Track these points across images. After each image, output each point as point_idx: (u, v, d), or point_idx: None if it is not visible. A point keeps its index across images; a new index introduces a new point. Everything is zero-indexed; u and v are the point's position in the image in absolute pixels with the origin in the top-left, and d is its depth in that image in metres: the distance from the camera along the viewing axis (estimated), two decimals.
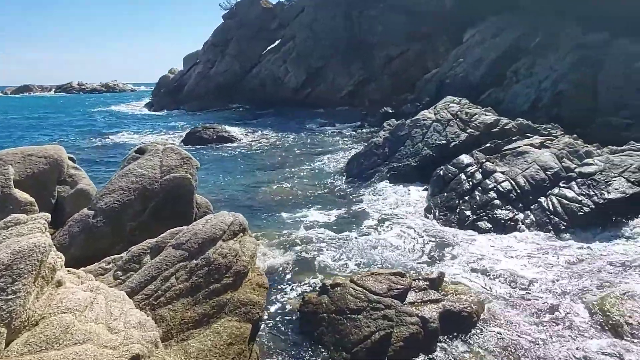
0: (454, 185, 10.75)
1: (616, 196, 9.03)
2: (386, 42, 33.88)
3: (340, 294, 6.19)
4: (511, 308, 6.63)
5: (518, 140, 11.62)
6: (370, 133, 22.08)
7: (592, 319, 6.33)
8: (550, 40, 22.69)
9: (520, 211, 9.72)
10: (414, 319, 5.90)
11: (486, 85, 22.59)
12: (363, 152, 13.88)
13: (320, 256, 8.34)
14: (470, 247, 8.81)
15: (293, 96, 36.67)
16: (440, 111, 13.16)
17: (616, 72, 19.19)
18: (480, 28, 26.63)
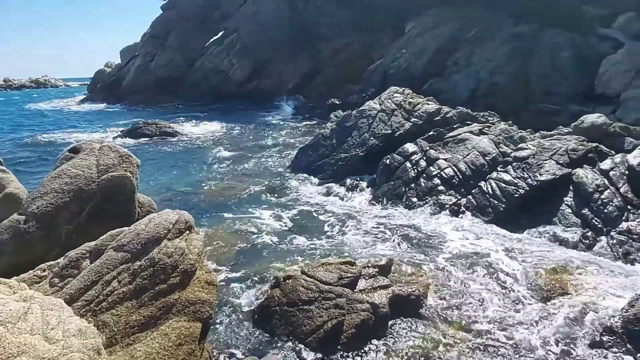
0: (400, 173, 11.05)
1: (547, 178, 9.64)
2: (332, 34, 34.03)
3: (292, 286, 6.20)
4: (455, 286, 6.94)
5: (459, 127, 12.09)
6: (318, 125, 22.17)
7: (527, 290, 6.76)
8: (485, 32, 23.76)
9: (462, 196, 10.16)
10: (365, 305, 6.04)
11: (428, 75, 23.31)
12: (311, 144, 13.91)
13: (270, 251, 8.32)
14: (417, 232, 9.11)
15: (239, 89, 36.03)
16: (385, 101, 13.42)
17: (545, 62, 20.45)
18: (420, 20, 27.38)
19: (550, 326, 6.01)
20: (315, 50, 34.79)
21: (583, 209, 9.01)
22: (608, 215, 8.65)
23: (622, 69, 18.10)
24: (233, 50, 37.45)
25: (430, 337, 5.82)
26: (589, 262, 7.71)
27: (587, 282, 7.05)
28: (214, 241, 8.68)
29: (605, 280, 7.15)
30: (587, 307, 6.43)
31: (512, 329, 5.96)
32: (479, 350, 5.57)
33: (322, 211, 10.47)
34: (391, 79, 23.06)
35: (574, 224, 8.97)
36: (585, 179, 9.27)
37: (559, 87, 19.35)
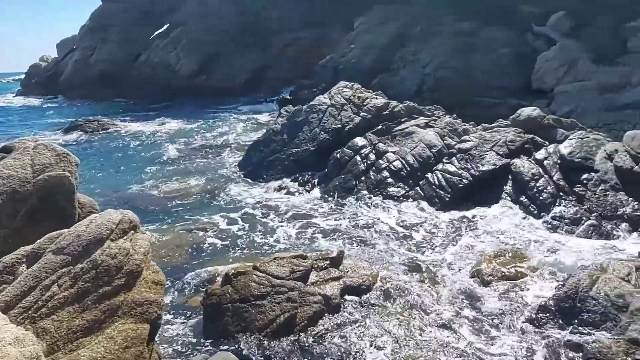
0: (351, 167, 11.23)
1: (489, 168, 10.16)
2: (282, 29, 33.83)
3: (244, 282, 6.17)
4: (402, 274, 7.19)
5: (406, 121, 12.43)
6: (268, 120, 22.02)
7: (470, 274, 7.12)
8: (430, 28, 24.51)
9: (411, 187, 10.49)
10: (317, 297, 6.13)
11: (377, 70, 23.76)
12: (262, 139, 13.82)
13: (220, 249, 8.23)
14: (367, 222, 9.32)
15: (188, 84, 35.04)
16: (334, 96, 13.56)
17: (486, 58, 21.41)
18: (369, 16, 27.80)
19: (490, 306, 6.36)
20: (265, 45, 34.45)
21: (521, 196, 9.57)
22: (543, 202, 9.25)
23: (554, 65, 19.27)
24: (180, 44, 36.36)
25: (376, 323, 6.00)
26: (525, 245, 8.21)
27: (525, 264, 7.51)
28: (161, 241, 8.47)
29: (542, 261, 7.65)
30: (524, 287, 6.87)
31: (458, 311, 6.26)
32: (423, 338, 5.81)
33: (273, 207, 10.46)
34: (341, 73, 23.28)
35: (513, 210, 9.50)
36: (522, 169, 9.84)
37: (499, 81, 20.33)
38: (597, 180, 9.25)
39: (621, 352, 5.13)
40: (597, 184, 9.21)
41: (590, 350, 5.30)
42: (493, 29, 22.56)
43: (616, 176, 9.14)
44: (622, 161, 9.15)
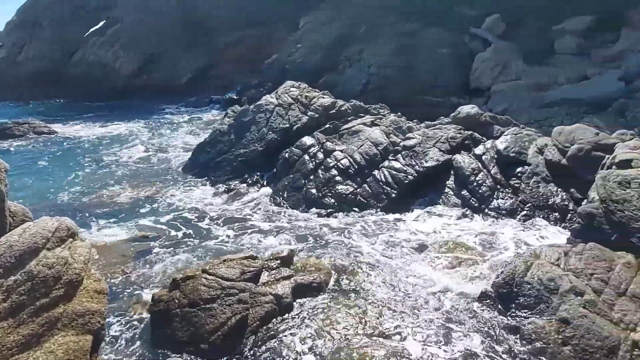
0: (299, 166, 11.27)
1: (432, 164, 10.55)
2: (226, 27, 33.18)
3: (193, 286, 6.05)
4: (353, 269, 7.32)
5: (353, 120, 12.64)
6: (215, 120, 21.57)
7: (414, 266, 7.38)
8: (374, 28, 25.02)
9: (359, 185, 10.68)
10: (269, 297, 6.12)
11: (323, 69, 23.92)
12: (208, 140, 13.54)
13: (165, 254, 7.99)
14: (317, 222, 9.41)
15: (128, 84, 33.51)
16: (281, 96, 13.54)
17: (427, 58, 22.18)
18: (314, 15, 27.95)
19: (435, 296, 6.64)
20: (209, 44, 33.67)
21: (462, 190, 10.04)
22: (482, 195, 9.75)
23: (490, 65, 20.32)
24: (118, 42, 34.71)
25: (329, 319, 6.09)
26: (467, 237, 8.62)
27: (469, 254, 7.89)
28: (103, 248, 8.08)
29: (482, 252, 8.07)
30: (471, 276, 7.22)
31: (407, 302, 6.47)
32: (375, 328, 5.97)
33: (222, 209, 10.29)
34: (288, 73, 23.24)
35: (455, 204, 9.95)
36: (463, 164, 10.31)
37: (440, 81, 21.13)
38: (530, 173, 9.87)
39: (553, 331, 5.54)
40: (530, 177, 9.84)
41: (526, 331, 5.67)
42: (433, 30, 23.39)
43: (546, 169, 9.80)
44: (551, 155, 9.82)
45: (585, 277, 5.93)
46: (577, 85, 15.89)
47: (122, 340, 5.70)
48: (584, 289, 5.76)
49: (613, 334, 5.27)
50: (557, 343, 5.45)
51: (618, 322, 5.41)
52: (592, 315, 5.48)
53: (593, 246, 6.33)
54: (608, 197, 7.13)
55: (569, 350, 5.35)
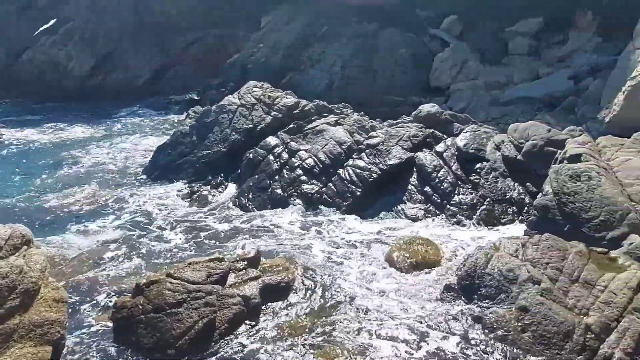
0: (264, 166, 11.21)
1: (395, 162, 10.73)
2: (184, 26, 32.44)
3: (157, 291, 5.90)
4: (320, 268, 7.37)
5: (317, 119, 12.68)
6: (175, 122, 21.07)
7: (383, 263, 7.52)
8: (335, 28, 25.20)
9: (324, 184, 10.74)
10: (236, 299, 6.06)
11: (286, 69, 23.85)
12: (169, 142, 13.20)
13: (127, 259, 7.76)
14: (282, 222, 9.39)
15: (82, 85, 32.13)
16: (244, 96, 13.40)
17: (388, 58, 22.57)
18: (275, 15, 27.83)
19: (401, 292, 6.78)
20: (167, 43, 32.80)
21: (425, 187, 10.27)
22: (444, 191, 10.02)
23: (448, 65, 20.91)
24: (71, 41, 33.25)
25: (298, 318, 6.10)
26: (433, 233, 8.84)
27: (433, 250, 8.09)
28: (61, 255, 7.75)
29: (446, 246, 8.31)
30: (434, 270, 7.41)
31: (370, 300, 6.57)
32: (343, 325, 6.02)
33: (184, 211, 10.09)
34: (250, 73, 23.02)
35: (419, 200, 10.17)
36: (425, 161, 10.56)
37: (401, 80, 21.53)
38: (488, 169, 10.23)
39: (513, 319, 5.78)
40: (488, 172, 10.19)
41: (488, 320, 5.89)
42: (394, 30, 23.81)
43: (504, 164, 10.18)
44: (507, 151, 10.21)
45: (542, 266, 6.22)
46: (530, 85, 16.59)
47: (83, 350, 5.48)
48: (541, 277, 6.04)
49: (568, 319, 5.56)
50: (517, 330, 5.69)
51: (572, 308, 5.70)
52: (549, 302, 5.75)
53: (548, 237, 6.64)
54: (560, 190, 7.51)
55: (528, 336, 5.60)
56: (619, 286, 5.76)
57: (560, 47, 17.56)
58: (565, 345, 5.43)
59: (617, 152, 8.51)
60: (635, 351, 5.21)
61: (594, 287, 5.86)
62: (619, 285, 5.76)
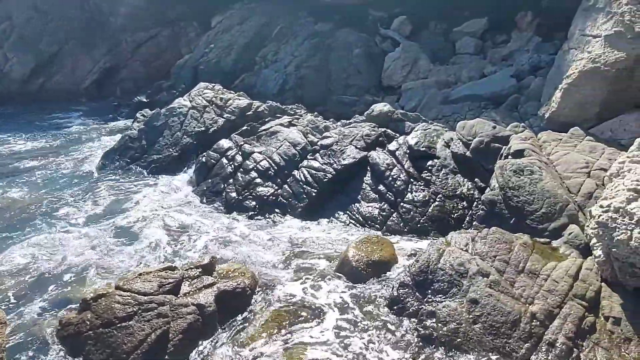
0: (218, 170, 11.00)
1: (349, 161, 10.83)
2: (132, 26, 31.32)
3: (106, 305, 5.66)
4: (276, 272, 7.32)
5: (270, 121, 12.60)
6: (123, 126, 20.28)
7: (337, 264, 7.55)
8: (289, 28, 25.14)
9: (279, 186, 10.67)
10: (191, 308, 5.91)
11: (239, 70, 23.54)
12: (117, 147, 12.71)
13: (73, 272, 7.38)
14: (239, 226, 9.25)
15: (22, 89, 30.28)
16: (195, 98, 13.11)
17: (342, 58, 22.76)
18: (226, 15, 27.41)
19: (358, 290, 6.85)
20: (115, 43, 31.54)
21: (379, 185, 10.42)
22: (397, 189, 10.21)
23: (400, 64, 21.34)
24: (7, 42, 31.25)
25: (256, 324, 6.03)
26: (387, 232, 8.99)
27: (388, 247, 8.22)
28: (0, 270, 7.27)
29: (401, 243, 8.47)
30: (389, 268, 7.52)
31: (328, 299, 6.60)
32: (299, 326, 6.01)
33: (134, 219, 9.71)
34: (202, 74, 22.59)
35: (373, 199, 10.31)
36: (378, 160, 10.72)
37: (355, 80, 21.77)
38: (439, 166, 10.51)
39: (464, 311, 5.97)
40: (439, 169, 10.48)
41: (441, 314, 6.05)
42: (346, 30, 24.04)
43: (453, 161, 10.51)
44: (456, 148, 10.54)
45: (490, 259, 6.47)
46: (477, 83, 17.23)
47: None
48: (489, 270, 6.28)
49: (515, 308, 5.81)
50: (468, 322, 5.89)
51: (519, 298, 5.97)
52: (497, 293, 5.99)
53: (495, 230, 6.91)
54: (505, 185, 7.84)
55: (479, 327, 5.81)
56: (560, 274, 6.08)
57: (504, 46, 18.37)
58: (513, 333, 5.67)
59: (556, 147, 8.98)
60: (576, 335, 5.52)
61: (538, 276, 6.16)
62: (561, 274, 6.09)
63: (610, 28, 8.99)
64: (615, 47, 8.89)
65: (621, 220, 5.65)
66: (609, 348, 5.32)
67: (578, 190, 7.64)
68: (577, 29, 10.06)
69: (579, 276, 6.06)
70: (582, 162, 8.12)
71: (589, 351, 5.36)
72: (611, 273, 5.86)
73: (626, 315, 5.50)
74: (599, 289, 5.88)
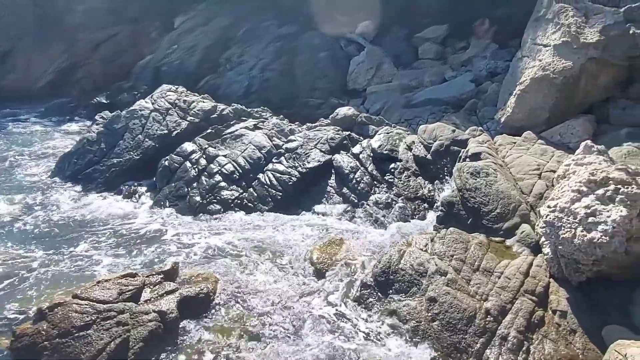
0: (181, 173, 10.87)
1: (314, 165, 10.95)
2: (90, 24, 30.32)
3: (63, 314, 5.52)
4: (240, 276, 7.32)
5: (235, 124, 12.54)
6: (81, 128, 19.62)
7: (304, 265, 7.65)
8: (254, 31, 25.05)
9: (244, 189, 10.66)
10: (152, 315, 5.84)
11: (203, 72, 23.24)
12: (74, 150, 12.31)
13: (26, 281, 7.13)
14: (202, 230, 9.17)
15: None
16: (157, 100, 12.88)
17: (307, 61, 22.87)
18: (190, 15, 27.02)
19: (323, 291, 6.96)
20: (72, 42, 30.45)
21: (343, 188, 10.59)
22: (361, 191, 10.40)
23: (364, 67, 21.67)
24: None
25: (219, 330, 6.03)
26: (351, 232, 9.14)
27: (352, 249, 8.38)
28: None
29: (364, 245, 8.63)
30: (353, 270, 7.66)
31: (294, 303, 6.67)
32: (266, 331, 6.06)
33: (93, 224, 9.47)
34: (165, 75, 22.18)
35: (337, 201, 10.46)
36: (342, 163, 10.89)
37: (320, 83, 21.91)
38: (401, 168, 10.78)
39: (423, 310, 6.18)
40: (401, 172, 10.75)
41: (400, 313, 6.24)
42: (312, 34, 24.18)
43: (415, 164, 10.81)
44: (418, 151, 10.85)
45: (448, 258, 6.72)
46: (438, 87, 17.74)
47: None
48: (447, 269, 6.52)
49: (470, 305, 6.07)
50: (427, 320, 6.10)
51: (474, 295, 6.23)
52: (454, 291, 6.24)
53: (453, 230, 7.18)
54: (463, 186, 8.14)
55: (437, 325, 6.03)
56: (512, 272, 6.39)
57: (463, 52, 19.00)
58: (468, 329, 5.92)
59: (511, 150, 9.40)
60: (526, 329, 5.82)
61: (492, 274, 6.45)
62: (513, 271, 6.40)
63: (559, 38, 9.51)
64: (563, 57, 9.41)
65: (566, 219, 6.00)
66: (556, 340, 5.65)
67: (530, 191, 8.03)
68: (529, 38, 10.57)
69: (529, 273, 6.38)
70: (534, 164, 8.54)
71: (538, 343, 5.66)
72: (558, 269, 6.21)
73: (572, 309, 5.85)
74: (548, 285, 6.22)
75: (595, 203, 5.93)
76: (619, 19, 9.14)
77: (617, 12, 9.25)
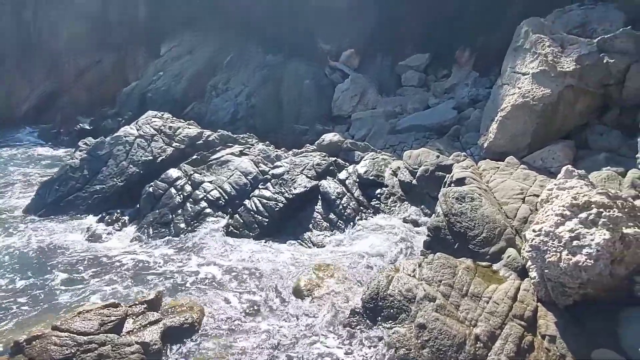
0: (166, 200, 10.73)
1: (300, 190, 10.93)
2: (75, 50, 30.32)
3: (41, 347, 5.30)
4: (226, 305, 7.16)
5: (221, 150, 12.54)
6: (64, 154, 19.36)
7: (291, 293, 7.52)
8: (240, 58, 25.37)
9: (230, 216, 10.55)
10: (134, 347, 5.65)
11: (189, 98, 23.34)
12: (57, 177, 12.08)
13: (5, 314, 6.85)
14: (182, 259, 9.00)
15: None
16: (142, 126, 12.82)
17: (292, 88, 23.18)
18: (176, 43, 27.28)
19: (311, 319, 6.83)
20: (56, 68, 30.37)
21: (329, 213, 10.57)
22: (348, 217, 10.40)
23: (349, 95, 22.03)
24: None
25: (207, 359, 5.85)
26: (338, 260, 9.06)
27: (339, 275, 8.29)
28: None
29: (352, 270, 8.56)
30: (341, 297, 7.57)
31: (282, 330, 6.53)
32: None
33: (75, 253, 9.23)
34: (150, 102, 22.18)
35: (325, 227, 10.42)
36: (328, 189, 10.90)
37: (306, 109, 22.18)
38: (387, 194, 10.85)
39: (413, 337, 6.10)
40: (387, 197, 10.81)
41: (390, 340, 6.15)
42: (296, 62, 24.59)
43: (400, 189, 10.89)
44: (403, 176, 10.95)
45: (436, 284, 6.69)
46: (421, 114, 18.08)
47: None
48: (435, 294, 6.49)
49: (460, 331, 6.02)
50: (417, 347, 6.02)
51: (463, 320, 6.19)
52: (443, 317, 6.19)
53: (440, 255, 7.19)
54: (449, 211, 8.20)
55: (427, 352, 5.95)
56: (500, 296, 6.39)
57: (445, 80, 19.50)
58: (459, 356, 5.85)
59: (494, 175, 9.55)
60: (516, 354, 5.78)
61: (480, 299, 6.44)
62: (501, 296, 6.40)
63: (537, 67, 9.84)
64: (542, 84, 9.72)
65: (551, 243, 6.07)
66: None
67: (515, 215, 8.13)
68: (509, 67, 10.92)
69: (517, 297, 6.39)
70: (517, 188, 8.67)
71: None
72: (545, 293, 6.23)
73: (560, 333, 5.85)
74: (536, 309, 6.23)
75: (578, 227, 6.02)
76: (592, 49, 9.55)
77: (591, 43, 9.66)
